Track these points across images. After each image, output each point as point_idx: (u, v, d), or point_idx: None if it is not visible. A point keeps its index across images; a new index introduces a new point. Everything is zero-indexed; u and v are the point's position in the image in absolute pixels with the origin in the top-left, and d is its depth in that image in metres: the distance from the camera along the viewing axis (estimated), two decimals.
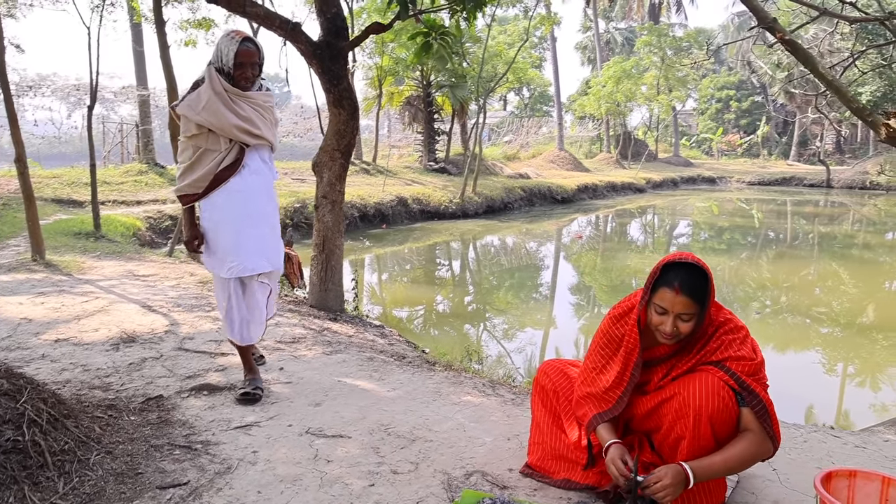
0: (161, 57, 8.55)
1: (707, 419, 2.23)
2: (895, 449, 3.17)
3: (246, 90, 3.48)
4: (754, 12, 4.07)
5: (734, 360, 2.30)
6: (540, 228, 20.69)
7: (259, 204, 3.59)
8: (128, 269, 7.68)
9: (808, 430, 3.45)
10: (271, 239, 3.67)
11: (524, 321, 9.55)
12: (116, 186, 16.51)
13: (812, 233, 19.80)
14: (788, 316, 9.68)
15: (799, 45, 3.92)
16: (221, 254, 3.52)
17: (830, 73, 3.99)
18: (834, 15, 4.54)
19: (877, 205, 27.84)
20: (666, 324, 2.30)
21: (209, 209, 3.54)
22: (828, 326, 9.26)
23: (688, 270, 2.28)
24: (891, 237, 19.27)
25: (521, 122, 45.86)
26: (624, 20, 55.42)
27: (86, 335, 4.82)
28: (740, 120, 53.96)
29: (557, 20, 26.42)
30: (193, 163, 3.49)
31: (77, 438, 2.74)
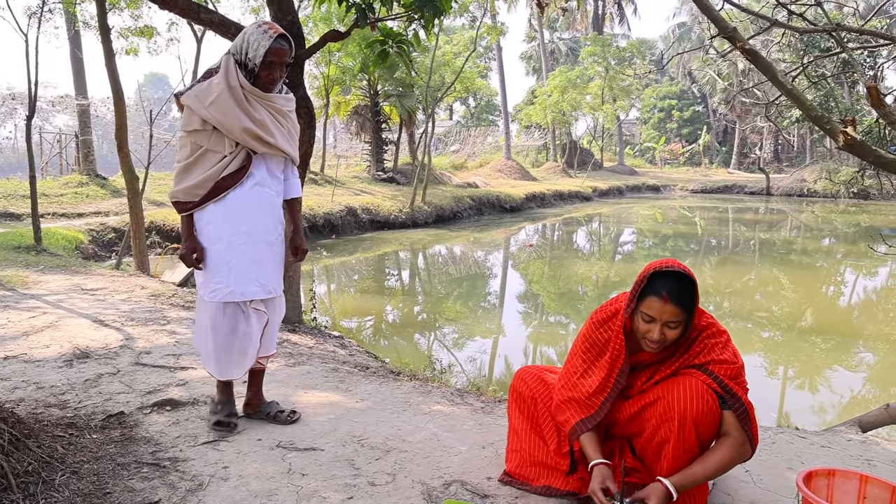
0: (106, 65, 8.33)
1: (692, 422, 2.25)
2: (858, 448, 3.27)
3: (267, 92, 3.09)
4: (714, 22, 4.14)
5: (717, 363, 2.32)
6: (489, 237, 20.80)
7: (259, 220, 3.16)
8: (75, 283, 7.44)
9: (775, 431, 3.52)
10: (269, 261, 3.21)
11: (474, 330, 9.59)
12: (56, 199, 16.00)
13: (753, 239, 20.34)
14: (731, 321, 9.89)
15: (759, 54, 4.01)
16: (207, 273, 3.13)
17: (789, 81, 4.09)
18: (784, 26, 4.65)
19: (814, 211, 28.81)
20: (653, 332, 2.31)
21: (202, 221, 3.13)
22: (769, 330, 9.50)
23: (675, 279, 2.30)
24: (827, 243, 19.93)
25: (468, 132, 46.13)
26: (568, 30, 56.29)
27: (36, 351, 4.64)
28: (682, 129, 55.27)
29: (503, 30, 26.75)
30: (191, 163, 3.09)
31: (40, 459, 2.63)
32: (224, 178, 3.07)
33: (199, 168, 3.08)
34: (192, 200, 3.09)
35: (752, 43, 4.00)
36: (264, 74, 3.02)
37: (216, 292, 3.10)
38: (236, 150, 3.08)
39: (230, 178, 3.08)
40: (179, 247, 8.81)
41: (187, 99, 3.05)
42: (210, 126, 3.02)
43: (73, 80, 18.12)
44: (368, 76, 24.27)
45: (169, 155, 26.69)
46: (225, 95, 2.99)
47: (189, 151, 3.09)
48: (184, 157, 3.11)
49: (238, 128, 3.01)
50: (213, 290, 3.11)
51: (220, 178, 3.07)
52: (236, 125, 3.00)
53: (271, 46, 2.97)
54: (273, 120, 3.12)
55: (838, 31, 4.35)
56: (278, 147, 3.15)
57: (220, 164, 3.07)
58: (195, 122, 3.04)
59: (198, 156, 3.07)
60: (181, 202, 3.12)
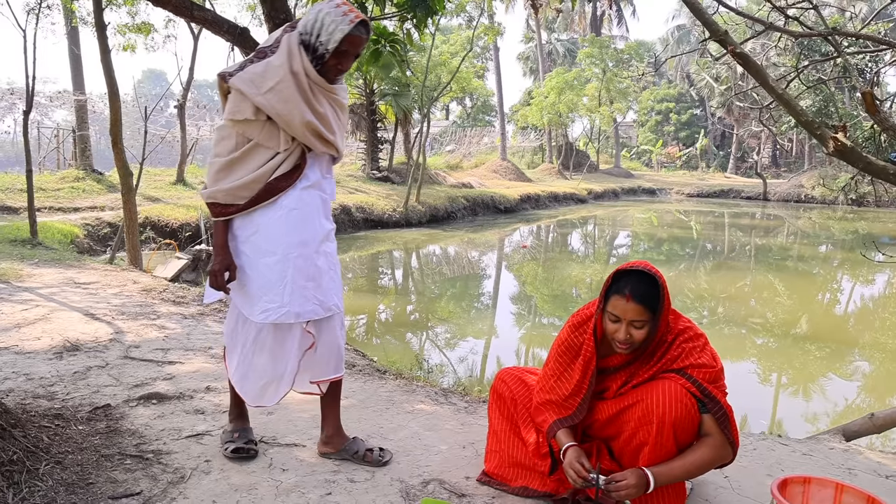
0: (102, 61, 8.38)
1: (671, 426, 2.28)
2: (840, 456, 3.28)
3: (332, 83, 2.68)
4: (706, 25, 4.14)
5: (695, 367, 2.35)
6: (483, 238, 20.86)
7: (315, 228, 2.74)
8: (68, 277, 7.48)
9: (756, 438, 3.54)
10: (326, 274, 2.79)
11: (466, 330, 9.62)
12: (52, 193, 16.07)
13: (749, 245, 20.35)
14: (725, 326, 9.91)
15: (750, 58, 4.01)
16: (256, 290, 2.69)
17: (780, 86, 4.11)
18: (779, 30, 4.66)
19: (811, 218, 28.78)
20: (619, 331, 2.34)
21: (246, 229, 2.70)
22: (763, 337, 9.49)
23: (639, 278, 2.33)
24: (824, 249, 19.91)
25: (464, 132, 46.19)
26: (566, 31, 56.37)
27: (27, 343, 4.68)
28: (679, 132, 55.32)
29: (500, 30, 26.78)
30: (236, 159, 2.63)
31: (25, 448, 2.68)
32: (276, 179, 2.64)
33: (245, 166, 2.64)
34: (234, 204, 2.65)
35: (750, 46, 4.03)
36: (334, 63, 2.61)
37: (268, 312, 2.67)
38: (291, 146, 2.66)
39: (283, 179, 2.66)
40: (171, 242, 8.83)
41: (239, 82, 2.57)
42: (264, 116, 2.59)
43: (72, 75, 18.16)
44: (364, 75, 24.31)
45: (164, 151, 26.79)
46: (287, 82, 2.56)
47: (233, 144, 2.64)
48: (226, 150, 2.64)
49: (299, 121, 2.59)
50: (264, 311, 2.68)
51: (272, 179, 2.64)
52: (297, 118, 2.58)
53: (350, 33, 2.55)
54: (334, 114, 2.74)
55: (835, 35, 4.35)
56: (336, 146, 2.77)
57: (272, 163, 2.64)
58: (247, 110, 2.58)
59: (245, 151, 2.64)
60: (220, 205, 2.66)
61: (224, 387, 3.92)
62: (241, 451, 2.89)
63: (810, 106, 29.43)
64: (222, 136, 2.65)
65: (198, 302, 6.52)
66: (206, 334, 5.21)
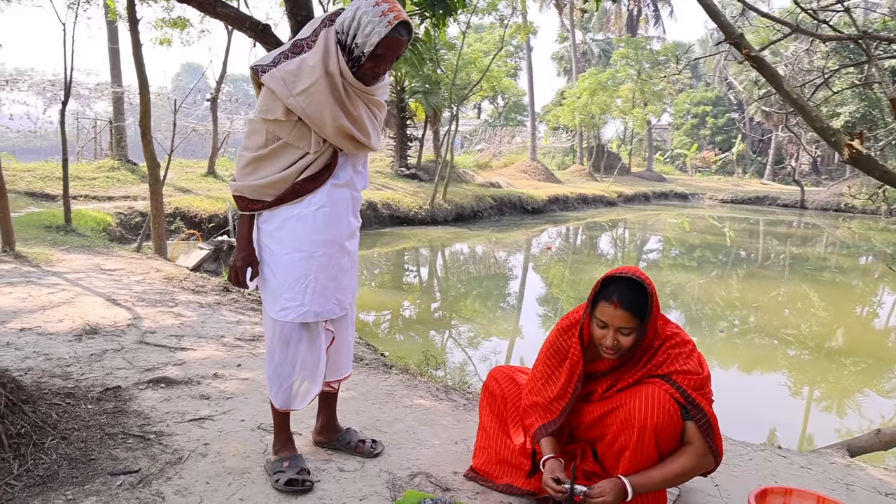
0: (133, 55, 8.60)
1: (652, 432, 2.29)
2: (840, 471, 3.23)
3: (369, 85, 2.55)
4: (721, 28, 4.13)
5: (680, 373, 2.35)
6: (509, 238, 20.85)
7: (341, 226, 2.66)
8: (95, 263, 7.72)
9: (754, 448, 3.50)
10: (347, 273, 2.74)
11: (490, 330, 9.65)
12: (88, 182, 16.50)
13: (784, 253, 19.83)
14: (756, 336, 9.69)
15: (765, 62, 3.97)
16: (277, 286, 2.61)
17: (795, 91, 4.07)
18: (807, 33, 4.60)
19: (851, 227, 27.94)
20: (607, 337, 2.35)
21: (271, 223, 2.61)
22: (795, 349, 9.23)
23: (627, 284, 2.33)
24: (864, 261, 19.29)
25: (495, 131, 46.11)
26: (601, 32, 55.93)
27: (50, 325, 4.88)
28: (716, 136, 54.51)
29: (533, 29, 26.74)
30: (264, 156, 2.54)
31: (34, 423, 2.82)
32: (304, 180, 2.56)
33: (273, 164, 2.55)
34: (260, 200, 2.58)
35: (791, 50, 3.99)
36: (370, 66, 2.47)
37: (287, 311, 2.60)
38: (322, 148, 2.56)
39: (311, 181, 2.57)
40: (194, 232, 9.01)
41: (271, 80, 2.45)
42: (295, 117, 2.48)
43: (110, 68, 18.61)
44: (395, 72, 24.45)
45: (197, 144, 27.18)
46: (321, 84, 2.42)
47: (262, 141, 2.54)
48: (254, 145, 2.55)
49: (332, 125, 2.48)
50: (283, 308, 2.61)
51: (299, 180, 2.55)
52: (329, 122, 2.47)
53: (388, 36, 2.39)
54: (369, 116, 2.61)
55: (864, 39, 4.27)
56: (370, 147, 2.66)
57: (301, 164, 2.54)
58: (277, 109, 2.48)
59: (274, 149, 2.53)
60: (246, 199, 2.60)
61: (232, 374, 4.05)
62: (296, 483, 2.62)
63: (854, 112, 28.55)
64: (252, 131, 2.56)
65: (217, 291, 6.69)
66: (220, 323, 5.36)
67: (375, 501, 2.62)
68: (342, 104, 2.48)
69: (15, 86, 21.69)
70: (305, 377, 2.71)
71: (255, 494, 2.61)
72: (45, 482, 2.55)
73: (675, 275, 15.30)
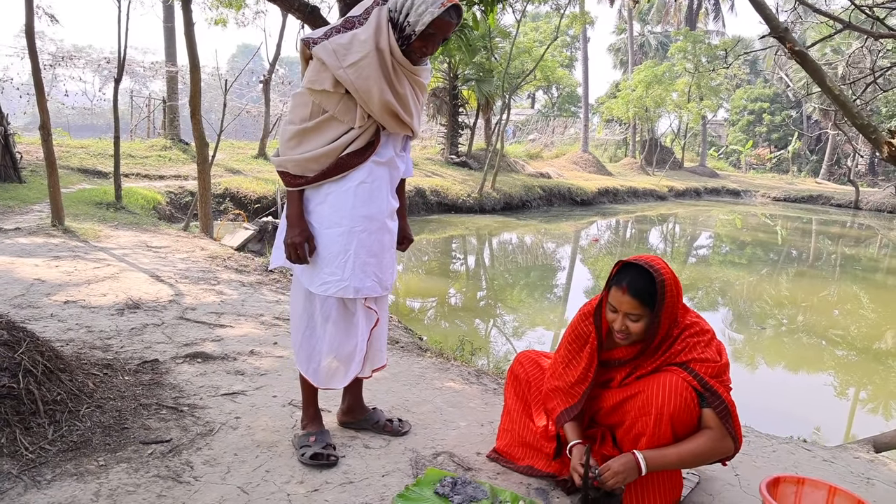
0: (185, 34, 8.68)
1: (668, 418, 2.30)
2: (863, 466, 3.21)
3: (416, 65, 2.60)
4: (767, 21, 4.08)
5: (698, 361, 2.35)
6: (557, 229, 20.71)
7: (382, 203, 2.68)
8: (142, 240, 7.89)
9: (779, 441, 3.49)
10: (389, 252, 2.76)
11: (535, 320, 9.62)
12: (140, 160, 16.81)
13: (835, 254, 19.43)
14: (804, 336, 9.56)
15: (808, 57, 3.93)
16: (318, 261, 2.64)
17: (837, 87, 4.02)
18: (860, 29, 4.53)
19: None
20: (616, 321, 2.40)
21: (313, 200, 2.65)
22: (843, 349, 9.11)
23: (638, 272, 2.36)
24: None
25: (548, 122, 45.79)
26: (660, 24, 55.00)
27: (94, 299, 5.00)
28: (772, 134, 53.29)
29: (590, 20, 26.43)
30: (309, 129, 2.56)
31: (70, 391, 2.89)
32: (348, 155, 2.59)
33: (318, 137, 2.58)
34: (304, 175, 2.61)
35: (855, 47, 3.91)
36: (419, 45, 2.52)
37: (327, 285, 2.62)
38: (367, 123, 2.58)
39: (355, 156, 2.59)
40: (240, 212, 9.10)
41: (322, 51, 2.48)
42: (342, 90, 2.51)
43: (165, 47, 18.91)
44: (449, 59, 24.39)
45: (250, 125, 27.54)
46: (371, 59, 2.47)
47: (308, 113, 2.57)
48: (299, 118, 2.58)
49: (378, 100, 2.51)
50: (323, 283, 2.63)
51: (344, 154, 2.59)
52: (377, 97, 2.50)
53: (440, 17, 2.45)
54: (413, 96, 2.66)
55: None
56: (412, 127, 2.70)
57: (345, 139, 2.57)
58: (326, 80, 2.50)
59: (319, 122, 2.56)
60: (290, 174, 2.62)
61: (267, 351, 4.10)
62: (321, 458, 2.68)
63: None
64: (298, 103, 2.58)
65: (259, 271, 6.77)
66: (260, 302, 5.43)
67: (398, 478, 2.65)
68: (389, 80, 2.51)
69: (72, 63, 22.06)
70: (343, 355, 2.73)
71: (280, 467, 2.65)
72: (78, 448, 2.62)
73: (725, 271, 15.08)
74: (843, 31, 4.54)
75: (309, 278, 2.67)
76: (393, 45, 2.48)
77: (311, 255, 2.64)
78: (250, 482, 2.51)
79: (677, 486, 2.51)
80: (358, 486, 2.56)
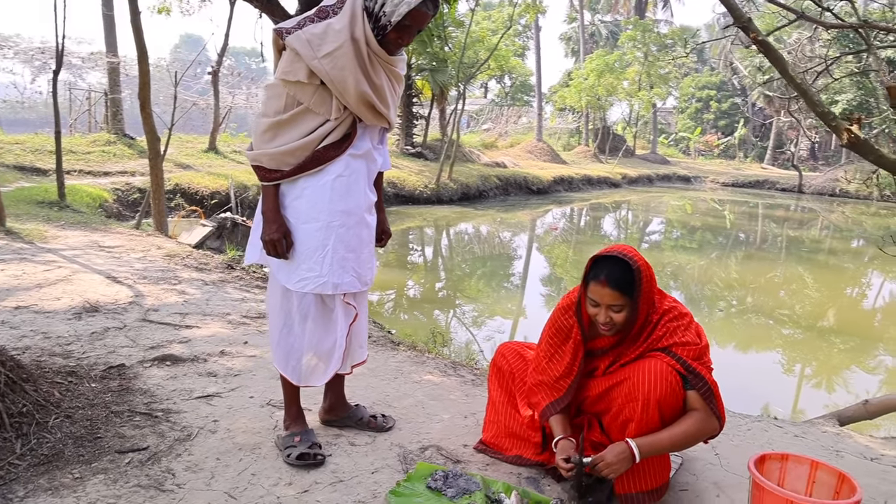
0: (132, 23, 8.29)
1: (655, 403, 2.32)
2: (831, 439, 3.33)
3: (391, 55, 2.54)
4: (730, 11, 4.11)
5: (680, 345, 2.39)
6: (514, 218, 20.79)
7: (359, 197, 2.61)
8: (93, 240, 7.61)
9: (752, 419, 3.59)
10: (367, 247, 2.69)
11: (494, 309, 9.62)
12: (83, 156, 16.16)
13: (781, 236, 20.06)
14: (753, 316, 9.83)
15: (771, 46, 3.97)
16: (295, 257, 2.57)
17: (799, 76, 4.07)
18: (811, 20, 4.60)
19: (844, 212, 28.22)
20: (600, 315, 2.40)
21: (289, 195, 2.58)
22: (789, 328, 9.44)
23: (614, 263, 2.37)
24: (856, 244, 19.62)
25: (501, 111, 45.90)
26: (610, 13, 55.58)
27: (47, 303, 4.78)
28: (719, 121, 54.43)
29: (542, 9, 26.46)
30: (284, 122, 2.48)
31: (35, 402, 2.74)
32: (324, 148, 2.52)
33: (292, 130, 2.50)
34: (280, 169, 2.53)
35: (795, 37, 3.95)
36: (395, 37, 2.46)
37: (305, 281, 2.56)
38: (343, 115, 2.51)
39: (332, 148, 2.53)
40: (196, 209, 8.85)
41: (296, 41, 2.40)
42: (317, 81, 2.43)
43: (105, 37, 18.05)
44: None
45: (198, 118, 26.90)
46: (346, 49, 2.39)
47: (282, 105, 2.48)
48: (273, 110, 2.49)
49: (354, 91, 2.44)
50: (301, 279, 2.57)
51: (320, 147, 2.51)
52: (352, 87, 2.43)
53: (416, 8, 2.40)
54: (390, 87, 2.59)
55: (865, 28, 4.27)
56: (389, 118, 2.64)
57: (321, 131, 2.50)
58: (300, 71, 2.42)
59: (294, 114, 2.48)
60: (265, 169, 2.54)
61: (238, 351, 3.98)
62: (307, 457, 2.61)
63: (851, 100, 28.77)
64: (271, 95, 2.50)
65: (221, 269, 6.60)
66: (225, 300, 5.29)
67: (388, 474, 2.59)
68: (365, 71, 2.45)
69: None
70: (322, 352, 2.68)
71: (266, 469, 2.56)
72: (50, 461, 2.48)
73: (676, 256, 15.42)
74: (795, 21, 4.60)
75: (286, 275, 2.60)
76: (368, 35, 2.41)
77: (289, 251, 2.56)
78: (237, 486, 2.42)
79: (666, 467, 2.54)
80: (348, 484, 2.49)
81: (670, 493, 2.56)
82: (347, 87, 2.42)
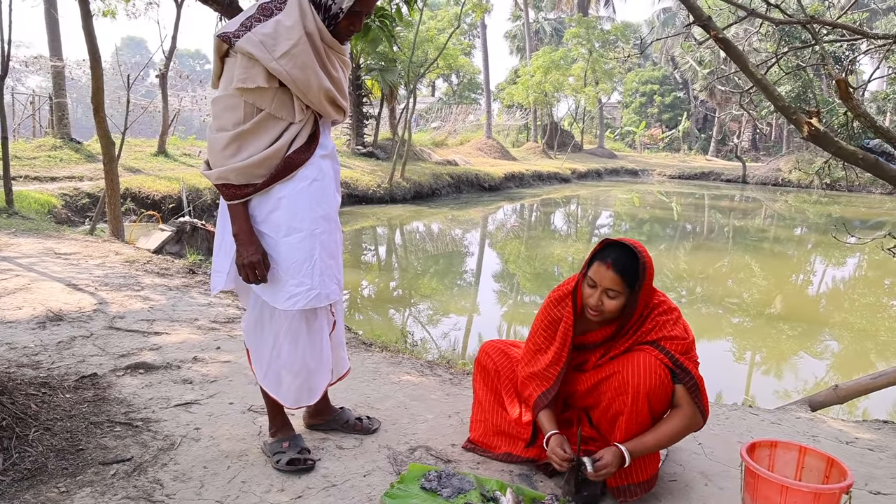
0: (83, 27, 8.12)
1: (645, 396, 2.36)
2: (805, 424, 3.44)
3: (342, 44, 2.42)
4: (690, 10, 4.19)
5: (668, 339, 2.44)
6: (467, 215, 20.84)
7: (332, 200, 2.50)
8: (47, 247, 7.41)
9: (729, 408, 3.68)
10: (340, 251, 2.58)
11: (449, 307, 9.65)
12: (28, 161, 15.69)
13: (727, 226, 20.50)
14: (703, 306, 10.02)
15: (732, 43, 4.07)
16: (281, 273, 2.39)
17: (759, 71, 4.18)
18: (760, 16, 4.73)
19: (787, 201, 29.02)
20: (593, 297, 2.43)
21: (264, 208, 2.39)
22: (738, 316, 9.63)
23: (623, 250, 2.41)
24: (799, 232, 20.20)
25: (450, 109, 45.94)
26: (553, 11, 56.12)
27: (8, 313, 4.65)
28: (663, 114, 55.40)
29: (488, 7, 26.53)
30: (246, 132, 2.30)
31: (14, 415, 2.68)
32: (295, 152, 2.37)
33: (258, 140, 2.32)
34: (251, 183, 2.34)
35: (733, 32, 4.07)
36: (346, 24, 2.35)
37: (296, 298, 2.39)
38: (306, 115, 2.39)
39: (302, 151, 2.38)
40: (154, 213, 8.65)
41: (248, 44, 2.21)
42: (276, 83, 2.28)
43: (48, 40, 17.59)
44: (351, 49, 24.02)
45: (144, 122, 26.35)
46: (304, 45, 2.26)
47: (240, 116, 2.30)
48: (232, 122, 2.30)
49: (317, 89, 2.32)
50: (291, 297, 2.39)
51: (290, 153, 2.36)
52: (315, 85, 2.31)
53: None
54: (345, 77, 2.49)
55: (813, 23, 4.43)
56: (346, 111, 2.52)
57: (288, 135, 2.36)
58: (258, 76, 2.25)
59: (256, 122, 2.31)
60: (233, 186, 2.34)
61: (212, 357, 3.93)
62: (298, 462, 2.54)
63: (789, 92, 29.72)
64: (226, 107, 2.30)
65: (183, 273, 6.49)
66: (192, 306, 5.21)
67: (380, 476, 2.59)
68: (323, 65, 2.34)
69: None
70: (314, 369, 2.58)
71: (256, 476, 2.54)
72: (34, 475, 2.43)
73: None
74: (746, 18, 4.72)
75: (272, 295, 2.42)
76: (321, 27, 2.30)
77: (268, 270, 2.40)
78: (228, 495, 2.40)
79: (655, 458, 2.58)
80: (342, 488, 2.48)
81: (659, 483, 2.61)
82: (310, 85, 2.30)
